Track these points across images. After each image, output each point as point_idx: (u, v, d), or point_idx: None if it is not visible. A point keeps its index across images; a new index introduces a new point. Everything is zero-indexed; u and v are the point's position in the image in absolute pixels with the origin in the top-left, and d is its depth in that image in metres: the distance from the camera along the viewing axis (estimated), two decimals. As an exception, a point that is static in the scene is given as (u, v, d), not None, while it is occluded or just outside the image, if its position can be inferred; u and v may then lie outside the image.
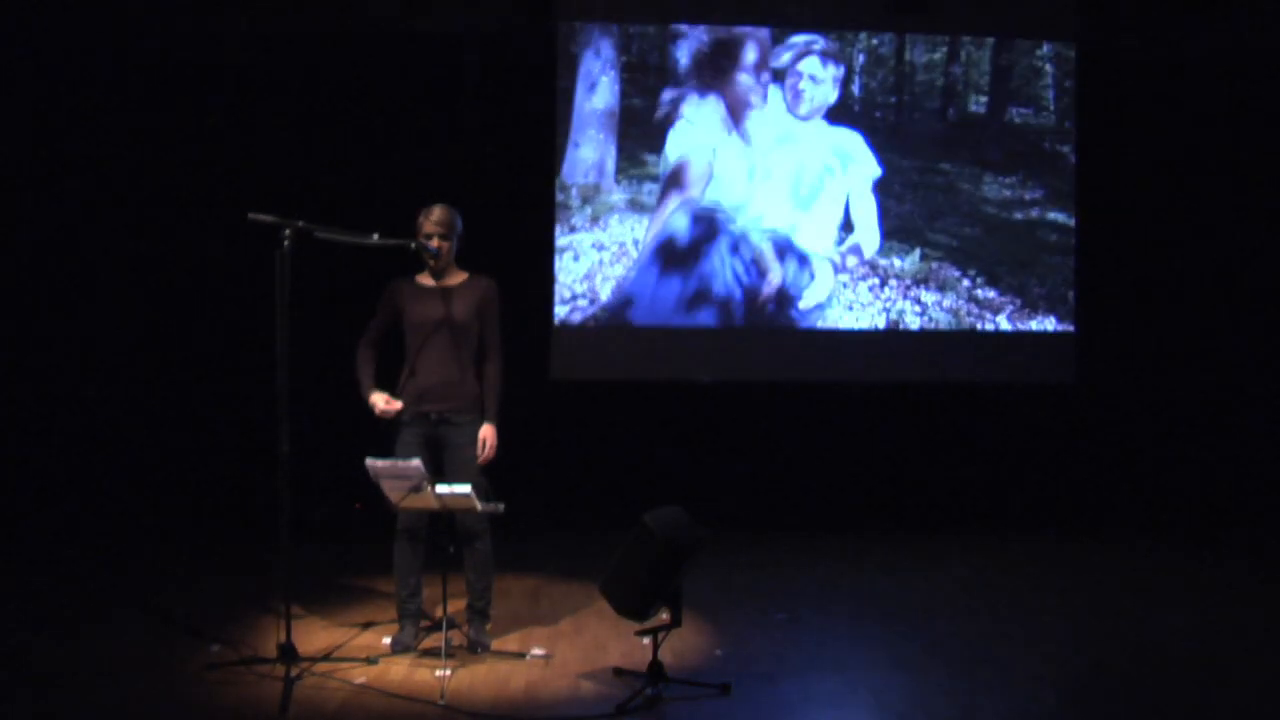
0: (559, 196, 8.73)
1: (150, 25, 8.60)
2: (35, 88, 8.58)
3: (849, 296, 8.88)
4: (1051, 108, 9.14)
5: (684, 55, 8.83)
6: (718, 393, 8.97)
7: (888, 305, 8.93)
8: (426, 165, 8.55)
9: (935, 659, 5.66)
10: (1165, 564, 7.74)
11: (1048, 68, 9.15)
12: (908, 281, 8.95)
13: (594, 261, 8.72)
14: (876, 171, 8.93)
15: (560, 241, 8.71)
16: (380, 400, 5.49)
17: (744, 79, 8.85)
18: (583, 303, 8.71)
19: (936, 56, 9.05)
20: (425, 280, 5.60)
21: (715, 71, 8.85)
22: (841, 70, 8.94)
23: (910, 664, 5.55)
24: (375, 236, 5.45)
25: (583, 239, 8.72)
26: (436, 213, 5.53)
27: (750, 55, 8.87)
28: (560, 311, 8.71)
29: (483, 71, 8.79)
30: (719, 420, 8.99)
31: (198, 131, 8.64)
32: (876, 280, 8.92)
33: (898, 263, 8.94)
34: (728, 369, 8.88)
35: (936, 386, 9.09)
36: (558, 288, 8.71)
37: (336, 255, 5.98)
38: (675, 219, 8.78)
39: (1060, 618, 6.34)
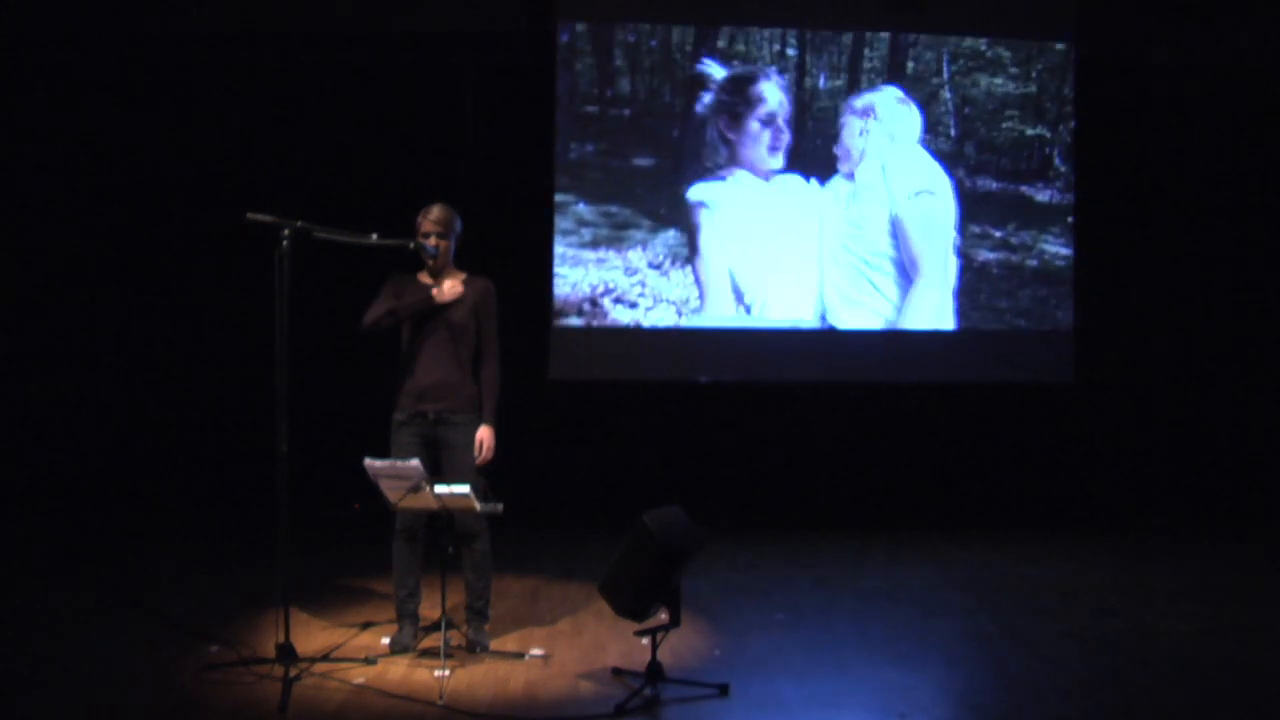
0: (558, 197, 8.72)
1: (149, 25, 8.60)
2: (33, 87, 8.58)
3: (848, 296, 8.88)
4: (1051, 108, 9.13)
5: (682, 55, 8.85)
6: (716, 393, 8.97)
7: (887, 305, 8.94)
8: (425, 165, 8.56)
9: (935, 659, 5.66)
10: (1164, 564, 7.73)
11: (1049, 71, 9.15)
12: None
13: (591, 261, 8.71)
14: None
15: (558, 242, 8.71)
16: (443, 286, 5.49)
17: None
18: (581, 303, 8.70)
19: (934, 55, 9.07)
20: (424, 279, 5.60)
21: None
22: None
23: (910, 664, 5.55)
24: (374, 236, 5.45)
25: (581, 239, 8.71)
26: (435, 212, 5.54)
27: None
28: (559, 312, 8.70)
29: (482, 72, 8.79)
30: (718, 420, 8.99)
31: (196, 131, 8.65)
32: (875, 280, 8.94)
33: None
34: (725, 370, 8.88)
35: (936, 387, 9.09)
36: (556, 288, 8.70)
37: (336, 255, 5.97)
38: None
39: (1060, 618, 6.34)
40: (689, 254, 8.77)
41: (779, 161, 8.86)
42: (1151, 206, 9.34)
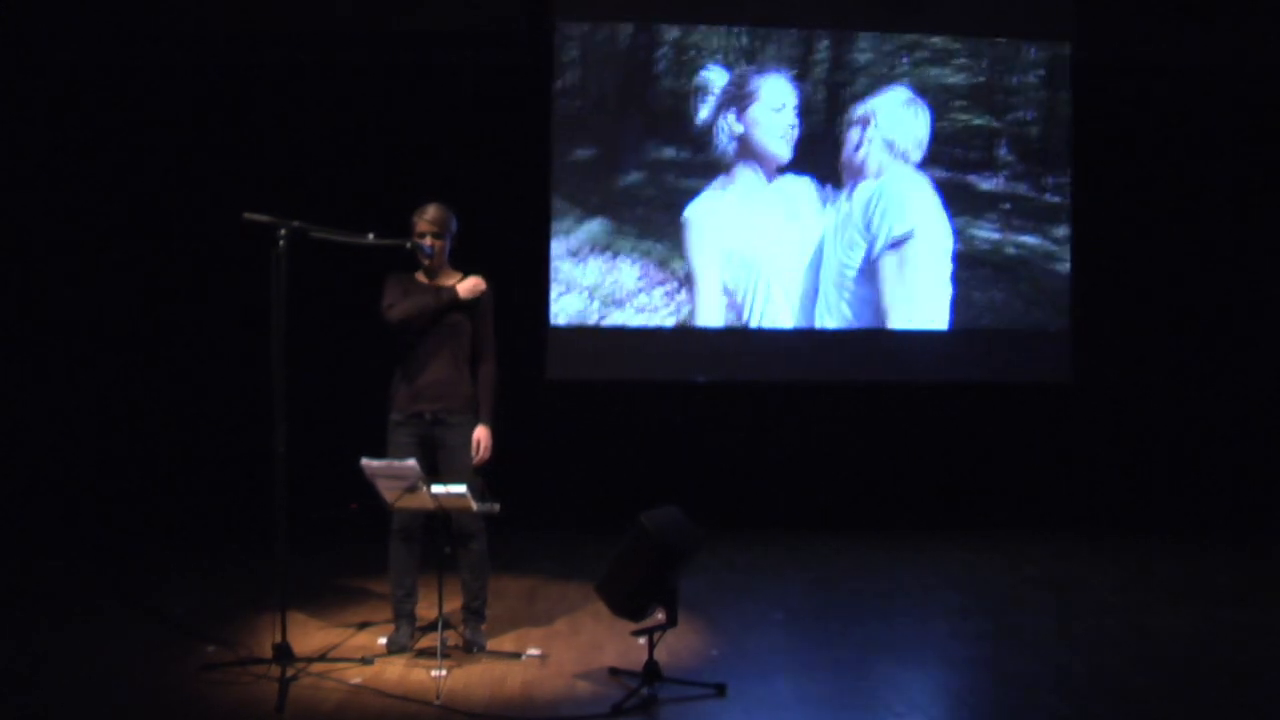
0: (555, 196, 8.72)
1: (145, 24, 8.60)
2: (29, 86, 8.58)
3: (844, 296, 8.88)
4: (1048, 110, 9.13)
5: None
6: (714, 393, 8.97)
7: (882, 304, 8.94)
8: (422, 164, 8.55)
9: (932, 658, 5.67)
10: (1163, 563, 7.74)
11: (1045, 72, 9.14)
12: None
13: (590, 261, 8.71)
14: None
15: (556, 241, 8.71)
16: (466, 282, 5.52)
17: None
18: (579, 303, 8.70)
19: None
20: (420, 279, 5.60)
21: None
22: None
23: (907, 663, 5.55)
24: (371, 236, 5.45)
25: (578, 239, 8.71)
26: (431, 211, 5.53)
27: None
28: (556, 312, 8.70)
29: (479, 71, 8.79)
30: (715, 420, 8.99)
31: (192, 131, 8.64)
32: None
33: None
34: (723, 369, 8.88)
35: (934, 387, 9.09)
36: (553, 288, 8.70)
37: (332, 255, 5.96)
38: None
39: (1057, 617, 6.34)
40: (684, 267, 8.77)
41: (787, 151, 8.84)
42: (1149, 205, 9.35)
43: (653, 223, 8.77)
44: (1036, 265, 9.09)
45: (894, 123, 8.95)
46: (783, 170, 8.86)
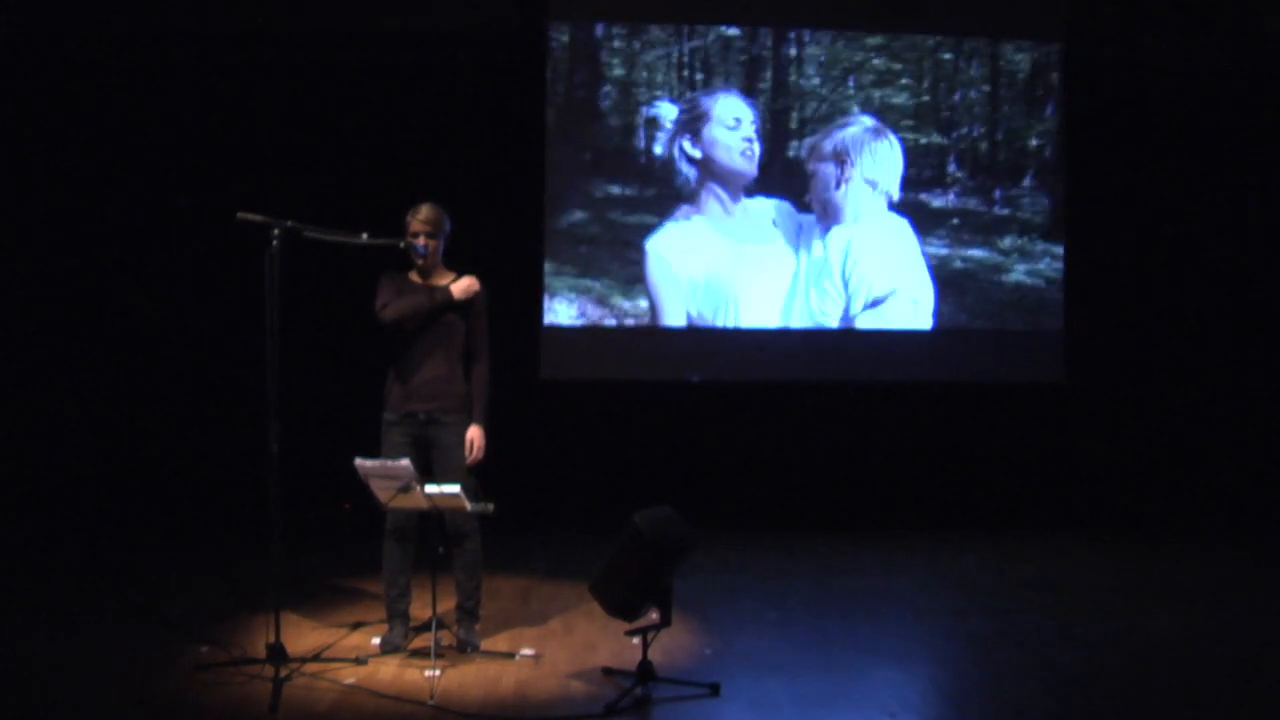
0: (548, 196, 8.71)
1: (139, 24, 8.58)
2: (23, 84, 8.56)
3: (834, 295, 8.90)
4: (1040, 110, 9.15)
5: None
6: (708, 393, 8.97)
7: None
8: (416, 164, 8.54)
9: (926, 658, 5.68)
10: (1157, 563, 7.76)
11: (1036, 71, 9.16)
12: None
13: (584, 262, 8.71)
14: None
15: (549, 242, 8.70)
16: (460, 283, 5.51)
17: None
18: (572, 303, 8.70)
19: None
20: (414, 279, 5.60)
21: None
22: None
23: (901, 663, 5.56)
24: (364, 236, 5.44)
25: (572, 238, 8.71)
26: (424, 211, 5.53)
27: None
28: (550, 311, 8.70)
29: (474, 70, 8.78)
30: (709, 420, 8.99)
31: (186, 131, 8.62)
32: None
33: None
34: (717, 369, 8.88)
35: (927, 386, 9.10)
36: (547, 288, 8.69)
37: (326, 255, 5.96)
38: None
39: (1051, 616, 6.35)
40: (649, 304, 8.71)
41: (752, 167, 8.78)
42: (1141, 206, 9.36)
43: (630, 254, 8.71)
44: (1028, 264, 9.10)
45: (870, 159, 8.88)
46: (751, 193, 8.79)
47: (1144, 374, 9.37)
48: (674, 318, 8.73)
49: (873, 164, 8.88)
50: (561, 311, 8.64)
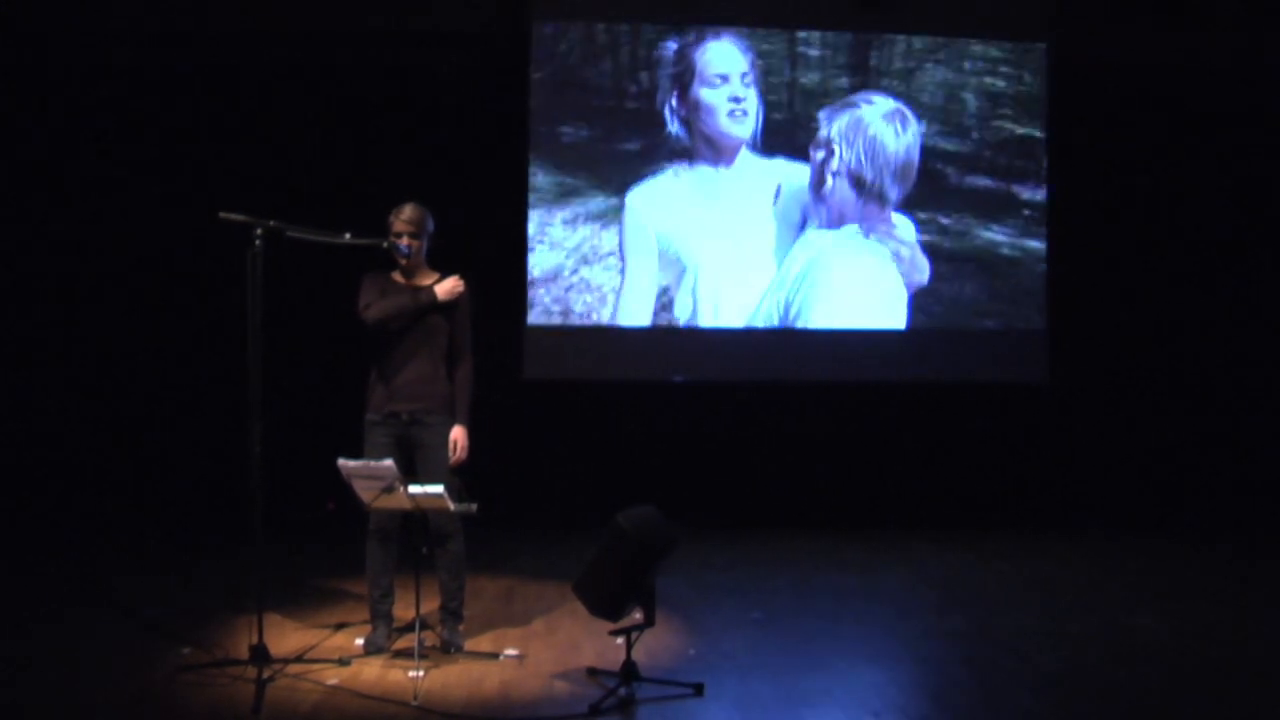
0: (532, 197, 8.70)
1: (122, 23, 8.55)
2: (13, 85, 8.52)
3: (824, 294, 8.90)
4: (1026, 109, 9.17)
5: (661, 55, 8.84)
6: (691, 392, 8.97)
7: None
8: (400, 164, 8.53)
9: (910, 657, 5.69)
10: (1139, 561, 7.79)
11: (1021, 70, 9.19)
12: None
13: (567, 261, 8.70)
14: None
15: (533, 242, 8.69)
16: (444, 284, 5.50)
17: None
18: (556, 303, 8.69)
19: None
20: (397, 279, 5.58)
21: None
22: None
23: (885, 662, 5.58)
24: (347, 236, 5.43)
25: (556, 239, 8.70)
26: (407, 211, 5.52)
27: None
28: (533, 311, 8.69)
29: (457, 71, 8.77)
30: (692, 420, 9.00)
31: (168, 130, 8.60)
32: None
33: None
34: (700, 369, 8.88)
35: (910, 385, 9.12)
36: (530, 287, 8.68)
37: (309, 254, 5.93)
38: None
39: (1036, 615, 6.37)
40: (620, 265, 8.70)
41: (745, 130, 8.78)
42: (1124, 205, 9.41)
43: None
44: (1012, 264, 9.13)
45: (867, 147, 8.90)
46: (751, 141, 8.76)
47: (1127, 374, 9.41)
48: (644, 280, 8.67)
49: (868, 157, 8.89)
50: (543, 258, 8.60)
